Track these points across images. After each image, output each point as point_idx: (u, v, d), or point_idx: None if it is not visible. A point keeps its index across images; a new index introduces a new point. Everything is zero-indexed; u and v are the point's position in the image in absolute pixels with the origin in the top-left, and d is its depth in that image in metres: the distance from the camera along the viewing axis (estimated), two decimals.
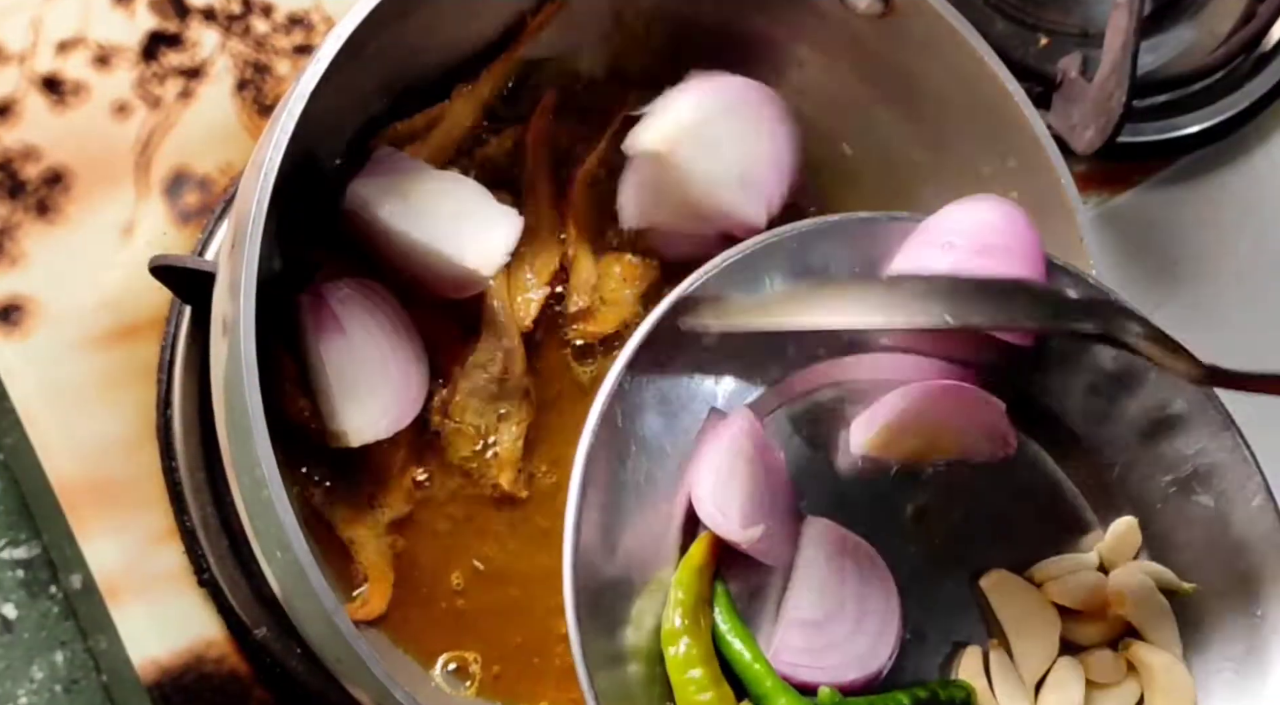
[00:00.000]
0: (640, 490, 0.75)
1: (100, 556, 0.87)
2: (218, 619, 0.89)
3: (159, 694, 0.87)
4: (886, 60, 0.89)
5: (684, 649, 0.72)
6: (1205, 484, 0.80)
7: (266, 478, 0.70)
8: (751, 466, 0.75)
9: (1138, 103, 0.98)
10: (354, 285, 0.84)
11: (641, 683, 0.72)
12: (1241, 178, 1.10)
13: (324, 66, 0.75)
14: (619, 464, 0.74)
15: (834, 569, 0.76)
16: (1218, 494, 0.80)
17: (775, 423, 0.79)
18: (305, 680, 0.88)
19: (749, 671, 0.73)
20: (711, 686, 0.72)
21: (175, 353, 0.90)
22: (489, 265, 0.83)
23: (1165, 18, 1.11)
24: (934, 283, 0.75)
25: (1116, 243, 1.08)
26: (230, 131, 0.94)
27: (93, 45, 0.93)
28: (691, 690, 0.72)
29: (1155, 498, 0.81)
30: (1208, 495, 0.80)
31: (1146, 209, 1.09)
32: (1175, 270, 1.08)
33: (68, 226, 0.91)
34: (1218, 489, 0.80)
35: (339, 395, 0.83)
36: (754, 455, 0.76)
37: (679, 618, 0.73)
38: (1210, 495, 0.80)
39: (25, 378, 0.89)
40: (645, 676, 0.72)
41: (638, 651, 0.73)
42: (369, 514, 0.85)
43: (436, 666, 0.85)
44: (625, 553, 0.74)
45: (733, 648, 0.74)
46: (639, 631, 0.73)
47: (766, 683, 0.73)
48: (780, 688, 0.73)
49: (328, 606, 0.70)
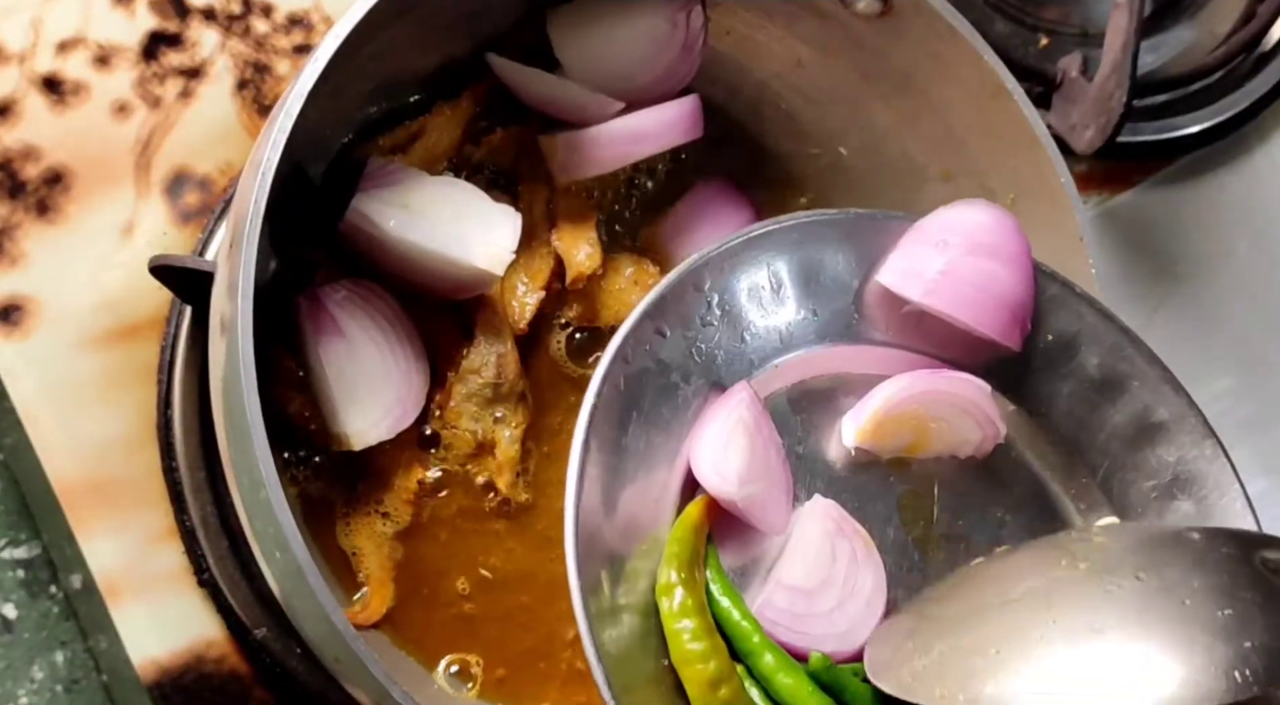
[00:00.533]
0: (640, 456, 0.76)
1: (100, 556, 0.87)
2: (218, 619, 0.89)
3: (159, 694, 0.87)
4: (886, 60, 0.89)
5: (678, 602, 0.74)
6: (1186, 490, 0.82)
7: (265, 478, 0.70)
8: (749, 436, 0.77)
9: (1138, 103, 0.98)
10: (352, 287, 0.84)
11: (638, 636, 0.74)
12: (1241, 178, 1.10)
13: (322, 66, 0.75)
14: (620, 430, 0.75)
15: (828, 546, 0.78)
16: (1198, 500, 0.81)
17: (773, 404, 0.80)
18: (305, 680, 0.88)
19: (737, 629, 0.75)
20: (704, 637, 0.74)
21: (175, 353, 0.90)
22: (498, 264, 0.83)
23: (1165, 18, 1.11)
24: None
25: (1116, 243, 1.08)
26: (230, 131, 0.94)
27: (93, 45, 0.93)
28: (684, 640, 0.74)
29: (1137, 502, 0.82)
30: (1189, 502, 0.82)
31: (1146, 209, 1.09)
32: (1175, 270, 1.08)
33: (68, 226, 0.91)
34: (1198, 496, 0.81)
35: (340, 398, 0.83)
36: (752, 426, 0.77)
37: (673, 572, 0.74)
38: (1191, 502, 0.81)
39: (25, 378, 0.89)
40: (641, 630, 0.74)
41: (634, 606, 0.74)
42: (370, 517, 0.85)
43: (439, 668, 0.85)
44: (624, 514, 0.75)
45: (720, 605, 0.75)
46: (636, 588, 0.75)
47: (754, 638, 0.75)
48: (767, 644, 0.75)
49: (326, 606, 0.70)
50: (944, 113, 0.89)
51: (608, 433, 0.75)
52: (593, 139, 0.89)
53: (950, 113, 0.88)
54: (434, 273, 0.84)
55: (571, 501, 0.73)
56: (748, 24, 0.92)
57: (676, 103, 0.90)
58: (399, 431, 0.84)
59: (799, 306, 0.82)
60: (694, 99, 0.91)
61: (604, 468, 0.74)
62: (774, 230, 0.81)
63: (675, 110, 0.90)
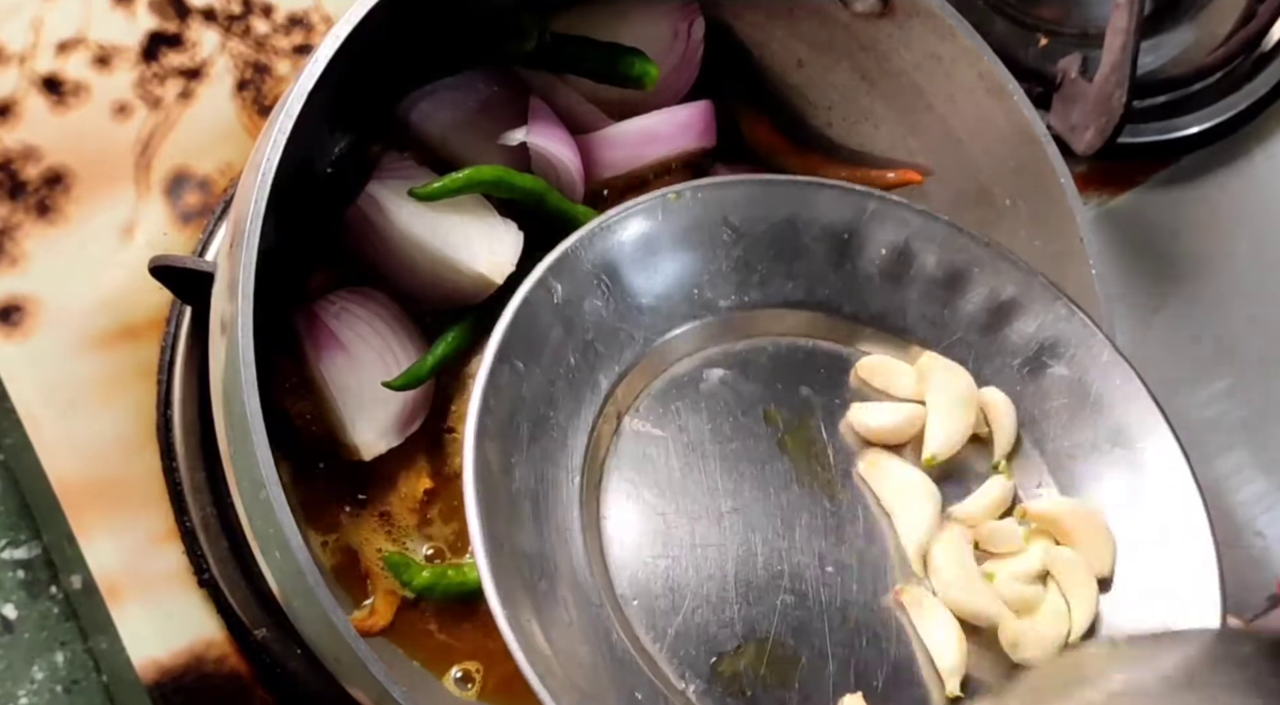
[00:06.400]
0: (532, 494, 0.75)
1: (100, 556, 0.87)
2: (218, 619, 0.89)
3: (159, 694, 0.87)
4: (886, 60, 0.89)
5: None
6: (1053, 354, 0.83)
7: (265, 478, 0.70)
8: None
9: (1138, 103, 0.98)
10: (348, 297, 0.84)
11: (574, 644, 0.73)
12: (1241, 178, 1.10)
13: (322, 67, 0.75)
14: (507, 476, 0.74)
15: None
16: (1069, 361, 0.83)
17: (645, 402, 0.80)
18: (305, 681, 0.88)
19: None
20: None
21: (175, 353, 0.90)
22: (499, 273, 0.83)
23: (1165, 18, 1.11)
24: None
25: (1116, 243, 1.08)
26: (230, 132, 0.94)
27: (93, 45, 0.93)
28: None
29: (1013, 380, 0.84)
30: (1060, 364, 0.83)
31: (1146, 209, 1.09)
32: (1175, 270, 1.08)
33: (68, 227, 0.91)
34: (1066, 356, 0.83)
35: (346, 410, 0.83)
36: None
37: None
38: (1063, 364, 0.83)
39: (25, 378, 0.89)
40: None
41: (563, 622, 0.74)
42: (376, 522, 0.85)
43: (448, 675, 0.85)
44: (535, 552, 0.73)
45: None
46: (558, 619, 0.73)
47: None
48: None
49: (326, 607, 0.70)
50: (944, 113, 0.89)
51: (497, 488, 0.73)
52: (604, 141, 0.88)
53: (950, 113, 0.88)
54: (433, 275, 0.84)
55: (483, 556, 0.70)
56: (748, 24, 0.92)
57: (690, 106, 0.90)
58: (409, 433, 0.84)
59: (642, 298, 0.81)
60: (707, 104, 0.91)
61: (503, 516, 0.73)
62: (664, 198, 0.81)
63: (688, 113, 0.90)
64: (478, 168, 0.84)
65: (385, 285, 0.85)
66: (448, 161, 0.86)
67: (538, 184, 0.85)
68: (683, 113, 0.90)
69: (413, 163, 0.86)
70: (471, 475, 0.71)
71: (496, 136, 0.86)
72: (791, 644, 0.76)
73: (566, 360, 0.77)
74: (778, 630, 0.76)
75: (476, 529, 0.70)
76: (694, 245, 0.82)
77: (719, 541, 0.77)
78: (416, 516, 0.86)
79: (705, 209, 0.82)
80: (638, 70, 0.88)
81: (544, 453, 0.75)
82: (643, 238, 0.80)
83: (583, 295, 0.79)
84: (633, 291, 0.80)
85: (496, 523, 0.71)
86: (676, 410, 0.80)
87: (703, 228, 0.82)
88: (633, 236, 0.80)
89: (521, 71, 0.89)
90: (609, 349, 0.79)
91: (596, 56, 0.88)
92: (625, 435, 0.79)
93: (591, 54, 0.88)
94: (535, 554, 0.73)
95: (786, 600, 0.77)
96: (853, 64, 0.90)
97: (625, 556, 0.76)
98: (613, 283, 0.80)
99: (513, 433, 0.74)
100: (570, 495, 0.76)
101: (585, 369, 0.78)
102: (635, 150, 0.89)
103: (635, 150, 0.89)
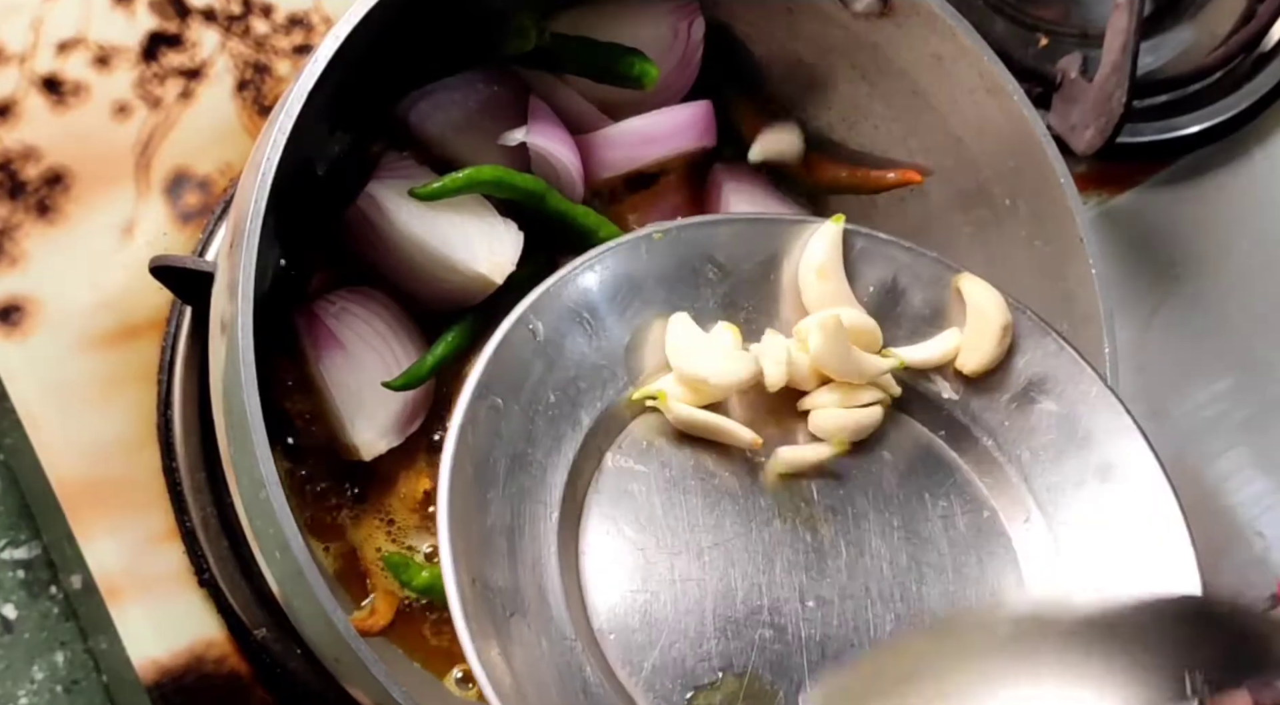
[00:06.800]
0: (508, 530, 0.75)
1: (100, 556, 0.87)
2: (218, 619, 0.89)
3: (159, 694, 0.87)
4: (886, 60, 0.89)
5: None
6: (1041, 390, 0.83)
7: (265, 478, 0.70)
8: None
9: (1138, 103, 0.98)
10: (347, 297, 0.84)
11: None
12: (1241, 178, 1.10)
13: (322, 67, 0.75)
14: (482, 513, 0.74)
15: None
16: (1057, 396, 0.83)
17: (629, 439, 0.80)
18: (305, 681, 0.88)
19: None
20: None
21: (175, 353, 0.90)
22: (499, 273, 0.83)
23: (1165, 18, 1.11)
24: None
25: (1116, 243, 1.08)
26: (230, 132, 0.94)
27: (93, 45, 0.93)
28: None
29: (1001, 416, 0.83)
30: (1049, 400, 0.83)
31: (1146, 209, 1.09)
32: (1175, 270, 1.08)
33: (68, 227, 0.91)
34: (1055, 392, 0.83)
35: (346, 410, 0.83)
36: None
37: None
38: (1051, 399, 0.83)
39: (25, 378, 0.89)
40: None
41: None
42: (376, 523, 0.85)
43: (447, 673, 0.85)
44: (509, 586, 0.73)
45: None
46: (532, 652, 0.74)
47: None
48: None
49: (326, 607, 0.70)
50: (944, 113, 0.89)
51: (471, 523, 0.73)
52: (603, 141, 0.89)
53: (950, 113, 0.88)
54: (433, 275, 0.84)
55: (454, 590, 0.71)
56: (748, 24, 0.92)
57: (689, 106, 0.90)
58: (409, 433, 0.85)
59: (626, 335, 0.80)
60: (707, 104, 0.91)
61: (477, 551, 0.73)
62: (561, 279, 0.79)
63: (687, 113, 0.90)
64: (478, 168, 0.84)
65: (385, 285, 0.85)
66: (447, 161, 0.86)
67: (538, 184, 0.85)
68: (682, 113, 0.90)
69: (413, 163, 0.86)
70: (445, 512, 0.71)
71: (496, 136, 0.86)
72: (769, 678, 0.75)
73: (546, 397, 0.77)
74: (756, 664, 0.75)
75: (449, 564, 0.71)
76: (678, 283, 0.81)
77: (699, 576, 0.76)
78: (416, 516, 0.86)
79: (690, 247, 0.81)
80: (637, 70, 0.88)
81: (521, 489, 0.75)
82: (626, 276, 0.80)
83: (565, 333, 0.78)
84: (617, 329, 0.80)
85: (470, 558, 0.72)
86: (659, 446, 0.79)
87: (687, 265, 0.81)
88: (616, 275, 0.80)
89: (521, 71, 0.89)
90: (592, 386, 0.79)
91: (596, 56, 0.88)
92: (607, 471, 0.78)
93: (591, 54, 0.88)
94: (509, 589, 0.73)
95: (765, 634, 0.76)
96: (853, 64, 0.90)
97: (603, 591, 0.75)
98: (595, 320, 0.79)
99: (490, 469, 0.74)
100: (548, 531, 0.75)
101: (567, 405, 0.78)
102: (635, 150, 0.89)
103: (635, 150, 0.89)
